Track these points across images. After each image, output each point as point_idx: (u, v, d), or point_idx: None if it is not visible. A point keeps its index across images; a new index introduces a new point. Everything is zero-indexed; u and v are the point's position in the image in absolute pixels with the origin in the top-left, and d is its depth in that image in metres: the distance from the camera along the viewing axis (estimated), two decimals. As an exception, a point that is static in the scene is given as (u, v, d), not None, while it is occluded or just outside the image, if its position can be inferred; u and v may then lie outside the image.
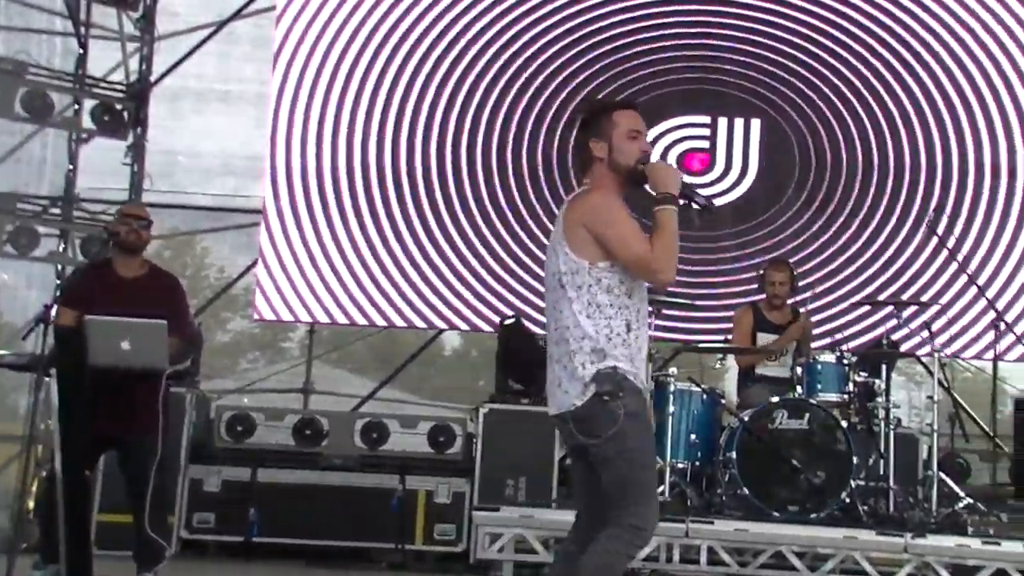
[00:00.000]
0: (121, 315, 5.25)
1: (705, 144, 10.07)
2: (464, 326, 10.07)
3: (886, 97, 10.02)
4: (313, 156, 9.89)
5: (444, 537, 7.69)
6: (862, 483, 6.63)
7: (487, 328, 9.78)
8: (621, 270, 3.87)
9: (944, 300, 9.02)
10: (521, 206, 9.94)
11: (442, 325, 10.09)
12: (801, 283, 7.90)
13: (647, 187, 3.97)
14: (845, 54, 10.06)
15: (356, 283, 9.79)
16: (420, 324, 9.97)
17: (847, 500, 6.44)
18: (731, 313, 7.98)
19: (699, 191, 4.13)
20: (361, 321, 9.91)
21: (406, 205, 9.90)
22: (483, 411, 7.80)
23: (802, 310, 7.54)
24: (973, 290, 9.10)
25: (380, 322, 9.92)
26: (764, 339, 7.41)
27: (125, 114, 9.22)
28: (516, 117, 10.03)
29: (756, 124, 10.05)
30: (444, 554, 7.68)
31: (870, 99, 10.02)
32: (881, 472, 6.73)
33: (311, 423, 8.06)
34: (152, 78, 9.71)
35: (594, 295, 3.85)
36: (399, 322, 9.89)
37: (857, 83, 10.04)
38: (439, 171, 9.94)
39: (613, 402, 3.77)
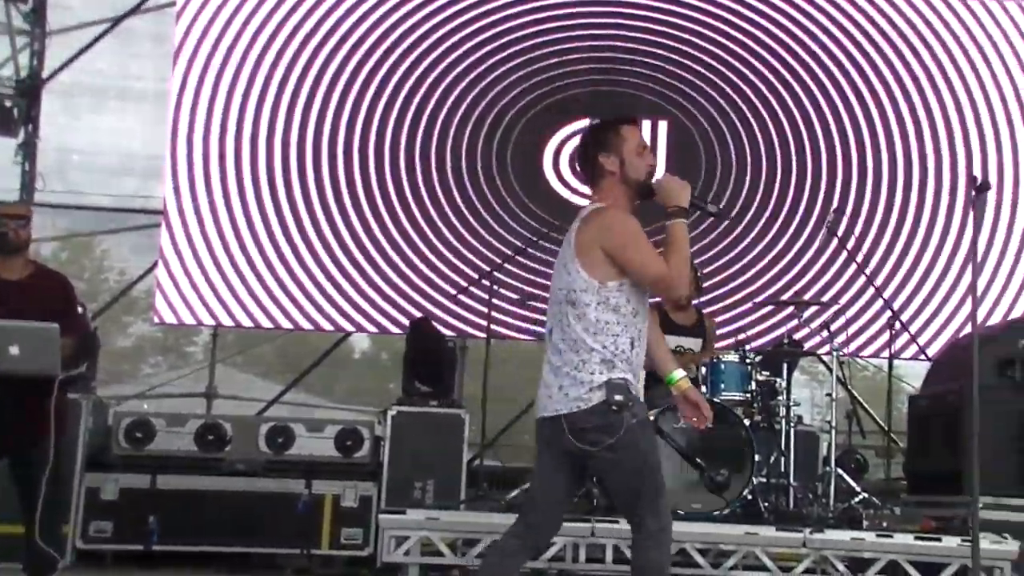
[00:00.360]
0: (8, 319, 5.09)
1: (612, 146, 10.11)
2: (372, 328, 9.99)
3: (788, 100, 10.19)
4: (216, 155, 9.73)
5: (351, 541, 7.60)
6: (764, 480, 6.71)
7: (396, 330, 9.72)
8: (628, 290, 3.96)
9: (843, 300, 9.18)
10: (430, 207, 9.90)
11: (350, 328, 10.01)
12: (706, 284, 7.98)
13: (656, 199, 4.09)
14: (750, 58, 10.21)
15: (261, 285, 9.65)
16: (327, 327, 9.86)
17: (749, 497, 6.51)
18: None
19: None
20: (266, 324, 9.77)
21: (312, 205, 9.79)
22: (391, 414, 7.73)
23: (705, 312, 7.61)
24: (871, 290, 9.28)
25: (286, 324, 9.79)
26: (669, 340, 7.43)
27: (15, 111, 8.98)
28: (424, 119, 9.98)
29: (663, 126, 10.14)
30: (351, 558, 7.60)
31: (773, 102, 10.18)
32: (782, 469, 6.82)
33: (214, 428, 7.90)
34: (45, 74, 9.45)
35: (601, 312, 3.93)
36: (306, 324, 9.77)
37: (761, 86, 10.20)
38: (346, 171, 9.86)
39: (623, 412, 3.87)
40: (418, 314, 9.36)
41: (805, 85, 10.22)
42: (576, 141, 9.79)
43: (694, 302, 7.63)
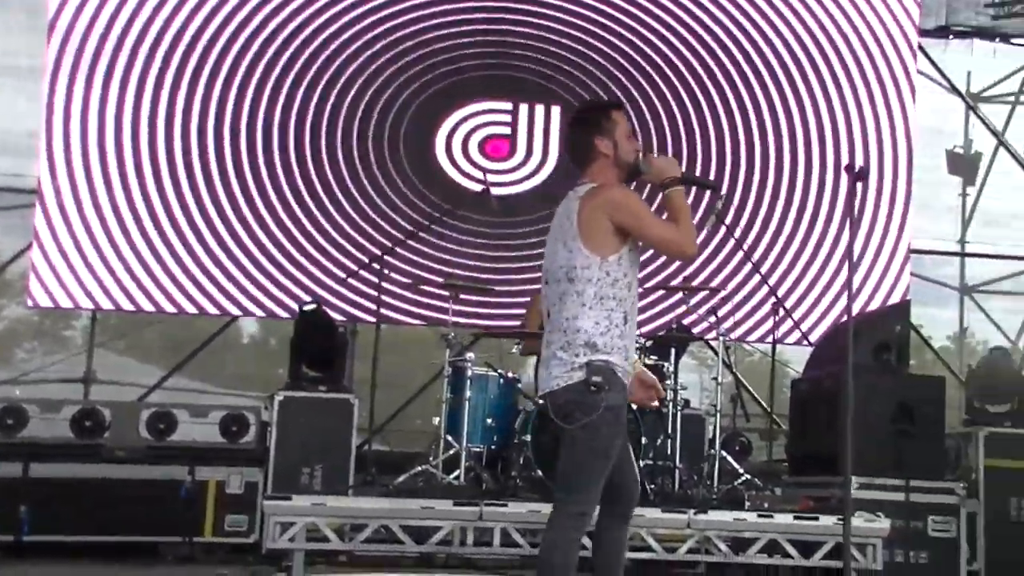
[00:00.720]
0: None
1: (506, 130, 10.13)
2: (260, 312, 9.84)
3: (678, 86, 10.31)
4: (95, 133, 9.45)
5: (235, 528, 7.51)
6: (650, 463, 6.78)
7: (284, 314, 9.59)
8: (626, 263, 4.10)
9: (730, 287, 9.33)
10: (320, 190, 9.77)
11: (236, 311, 9.84)
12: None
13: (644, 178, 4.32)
14: (641, 44, 10.30)
15: (143, 267, 9.43)
16: (213, 310, 9.69)
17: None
18: (530, 299, 8.04)
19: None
20: (148, 307, 9.55)
21: (197, 185, 9.59)
22: (278, 399, 7.62)
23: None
24: (757, 277, 9.45)
25: (169, 308, 9.58)
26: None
27: None
28: (314, 101, 9.84)
29: (556, 111, 10.16)
30: (235, 545, 7.50)
31: (664, 89, 10.29)
32: (668, 452, 6.90)
33: (91, 414, 7.72)
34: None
35: (600, 287, 4.03)
36: (190, 308, 9.58)
37: (652, 73, 10.29)
38: (233, 152, 9.68)
39: (599, 394, 3.95)
40: (307, 298, 9.23)
41: (695, 72, 10.35)
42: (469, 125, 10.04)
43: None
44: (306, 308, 8.42)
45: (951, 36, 11.71)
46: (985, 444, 7.78)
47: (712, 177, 10.16)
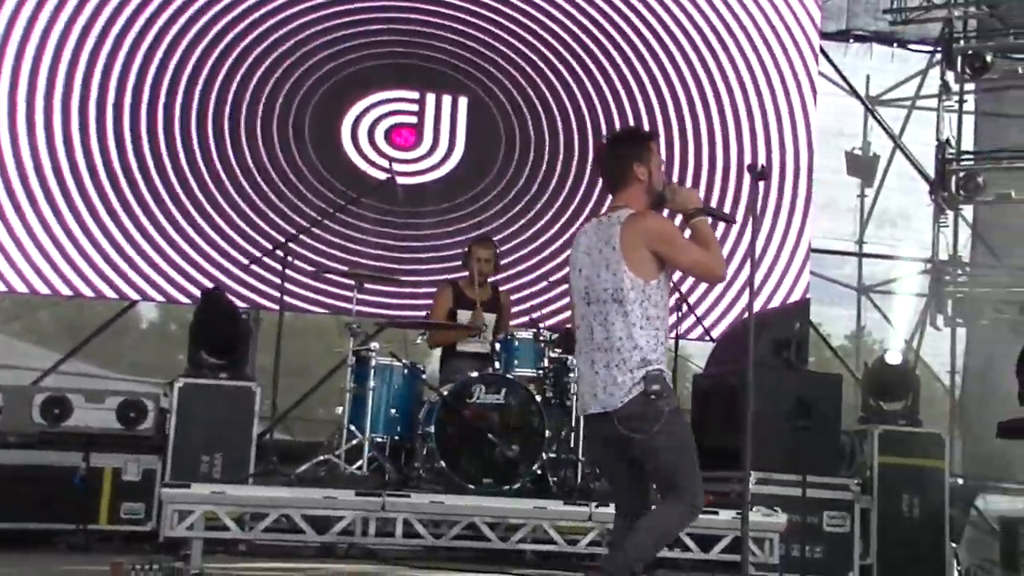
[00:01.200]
0: None
1: (413, 120, 10.09)
2: (159, 297, 9.67)
3: (586, 81, 10.38)
4: (-14, 111, 9.21)
5: (132, 516, 7.36)
6: (554, 456, 6.83)
7: (185, 300, 9.44)
8: (664, 286, 4.43)
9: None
10: (223, 175, 9.63)
11: (135, 296, 9.64)
12: (504, 262, 8.03)
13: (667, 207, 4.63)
14: (548, 37, 10.35)
15: (38, 248, 9.18)
16: (111, 294, 9.49)
17: (539, 472, 6.62)
18: (435, 289, 8.03)
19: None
20: (44, 290, 9.31)
21: (95, 165, 9.37)
22: (178, 385, 7.48)
23: (501, 289, 7.68)
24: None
25: (66, 291, 9.36)
26: (464, 316, 7.49)
27: None
28: (218, 83, 9.69)
29: (463, 102, 10.16)
30: (131, 534, 7.35)
31: (570, 81, 10.36)
32: (572, 445, 6.95)
33: (-18, 398, 7.50)
34: None
35: (646, 309, 4.35)
36: (87, 291, 9.37)
37: (559, 65, 10.35)
38: (132, 132, 9.48)
39: (660, 400, 4.31)
40: (208, 284, 9.10)
41: (602, 69, 10.44)
42: (375, 114, 9.97)
43: (490, 279, 7.69)
44: (207, 294, 8.29)
45: (851, 40, 12.02)
46: (879, 441, 7.99)
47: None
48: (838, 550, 7.50)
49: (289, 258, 7.77)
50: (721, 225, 5.09)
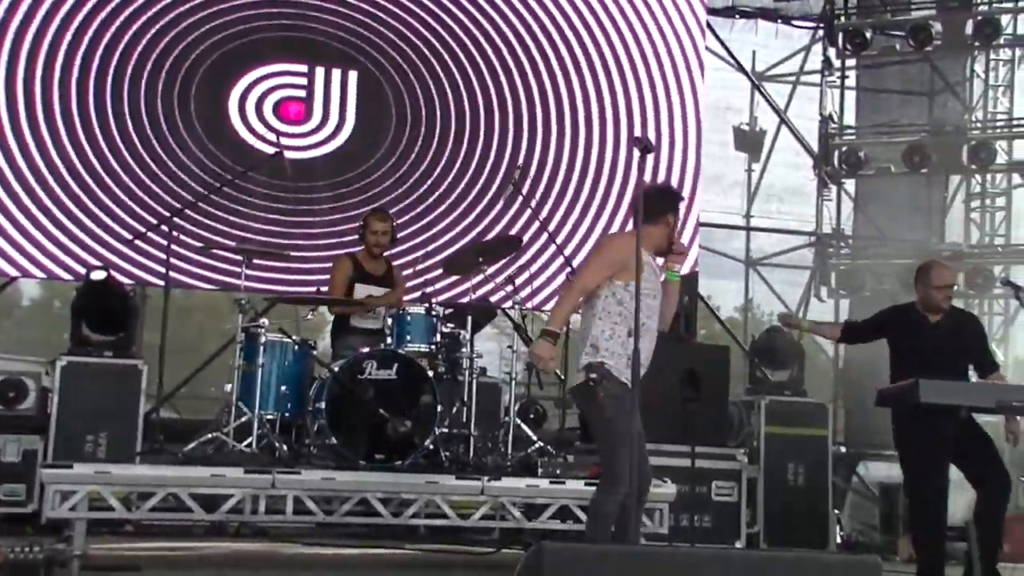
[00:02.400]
0: None
1: (302, 93, 9.95)
2: (40, 274, 9.41)
3: (477, 57, 10.36)
4: None
5: (11, 498, 7.19)
6: (446, 431, 6.83)
7: (67, 276, 9.21)
8: (632, 290, 4.89)
9: (527, 256, 9.43)
10: (105, 149, 9.38)
11: (14, 272, 9.36)
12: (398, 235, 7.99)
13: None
14: (437, 10, 10.30)
15: (-88, 224, 8.89)
16: (-10, 270, 9.20)
17: (431, 447, 6.62)
18: (327, 265, 7.95)
19: None
20: (-83, 266, 9.01)
21: (-28, 140, 9.07)
22: (60, 364, 7.32)
23: (395, 263, 7.64)
24: (553, 247, 9.58)
25: (-59, 267, 9.06)
26: (362, 289, 7.43)
27: None
28: (98, 55, 9.42)
29: (353, 75, 10.05)
30: (12, 516, 7.18)
31: (463, 57, 10.32)
32: (464, 420, 6.96)
33: None
34: None
35: (607, 304, 5.12)
36: (-37, 268, 9.08)
37: (451, 42, 10.30)
38: (8, 103, 9.17)
39: (597, 386, 4.99)
40: (92, 260, 8.89)
41: (493, 43, 10.41)
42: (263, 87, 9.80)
43: (385, 253, 7.64)
44: (93, 276, 8.07)
45: (737, 16, 12.18)
46: (766, 412, 8.17)
47: (509, 149, 10.29)
48: (726, 519, 7.67)
49: (175, 233, 7.61)
50: (604, 193, 5.16)
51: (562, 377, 9.05)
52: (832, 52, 11.87)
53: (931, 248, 11.17)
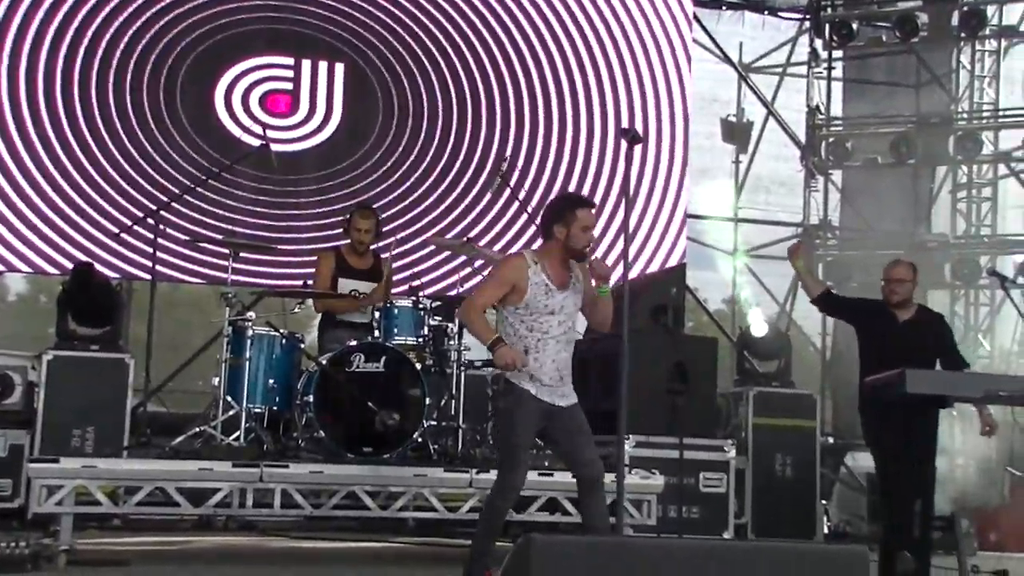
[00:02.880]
0: None
1: (289, 86, 9.93)
2: (26, 268, 9.39)
3: (465, 50, 10.35)
4: None
5: (-2, 494, 7.17)
6: (434, 423, 6.82)
7: (53, 271, 9.18)
8: (524, 313, 5.07)
9: (515, 248, 9.42)
10: (91, 142, 9.36)
11: (0, 268, 9.32)
12: (384, 229, 7.96)
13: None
14: (424, 2, 10.25)
15: (-102, 218, 8.85)
16: (-26, 266, 9.17)
17: (420, 440, 6.61)
18: (314, 258, 7.93)
19: None
20: (-97, 261, 8.98)
21: (-43, 134, 9.03)
22: (47, 358, 7.29)
23: (384, 255, 7.62)
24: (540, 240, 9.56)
25: (-72, 262, 9.03)
26: (346, 284, 7.40)
27: None
28: (83, 47, 9.40)
29: (340, 68, 10.02)
30: (-2, 511, 7.16)
31: (450, 50, 10.31)
32: (452, 412, 6.95)
33: None
34: None
35: (506, 327, 5.13)
36: (-50, 263, 9.05)
37: (437, 34, 10.28)
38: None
39: (502, 398, 5.31)
40: (78, 254, 8.88)
41: (480, 35, 10.40)
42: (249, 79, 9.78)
43: (372, 247, 7.62)
44: (79, 268, 8.04)
45: (723, 7, 12.18)
46: (754, 403, 8.18)
47: (497, 141, 10.28)
48: (714, 510, 7.67)
49: (161, 227, 7.59)
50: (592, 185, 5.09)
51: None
52: (819, 43, 11.89)
53: (918, 239, 11.19)
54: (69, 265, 8.93)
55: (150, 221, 7.57)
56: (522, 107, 10.44)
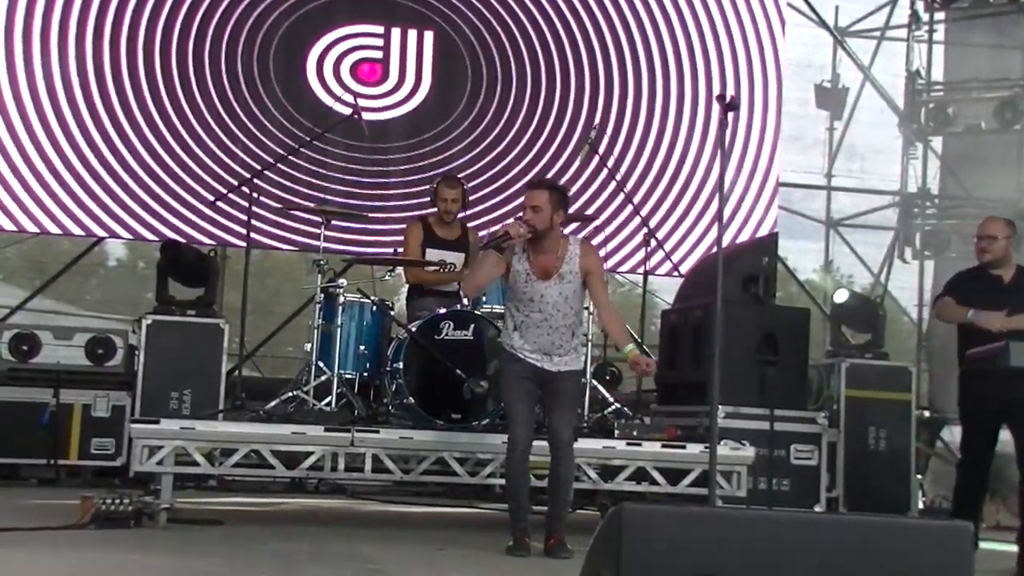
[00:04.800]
0: None
1: (378, 55, 9.97)
2: (126, 235, 9.60)
3: (552, 16, 10.25)
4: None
5: (101, 451, 7.42)
6: (522, 391, 6.81)
7: (152, 237, 9.39)
8: (511, 289, 5.50)
9: (603, 217, 9.38)
10: (188, 111, 9.51)
11: (102, 233, 9.57)
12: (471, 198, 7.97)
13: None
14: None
15: (2, 186, 9.10)
16: (77, 231, 9.42)
17: (507, 407, 6.62)
18: (403, 226, 7.97)
19: None
20: (9, 226, 9.25)
21: (59, 103, 9.28)
22: (146, 322, 7.47)
23: (469, 226, 7.64)
24: (629, 208, 9.51)
25: (31, 228, 9.29)
26: (433, 254, 7.43)
27: None
28: (179, 19, 9.54)
29: (429, 36, 10.03)
30: (101, 468, 7.38)
31: (537, 15, 10.23)
32: (540, 380, 6.94)
33: (-49, 335, 7.46)
34: None
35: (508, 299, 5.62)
36: (53, 228, 9.30)
37: (527, 1, 10.21)
38: (96, 68, 9.36)
39: (498, 360, 5.70)
40: (176, 221, 9.06)
41: (571, 3, 10.31)
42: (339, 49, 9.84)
43: (459, 215, 7.63)
44: (166, 246, 8.19)
45: (819, -31, 11.91)
46: (846, 375, 8.05)
47: (586, 109, 10.20)
48: (805, 482, 7.58)
49: (255, 195, 7.69)
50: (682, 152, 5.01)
51: (639, 339, 9.02)
52: (920, 5, 11.57)
53: (1021, 207, 10.88)
54: (167, 232, 9.14)
55: (244, 189, 7.68)
56: (611, 74, 10.34)
